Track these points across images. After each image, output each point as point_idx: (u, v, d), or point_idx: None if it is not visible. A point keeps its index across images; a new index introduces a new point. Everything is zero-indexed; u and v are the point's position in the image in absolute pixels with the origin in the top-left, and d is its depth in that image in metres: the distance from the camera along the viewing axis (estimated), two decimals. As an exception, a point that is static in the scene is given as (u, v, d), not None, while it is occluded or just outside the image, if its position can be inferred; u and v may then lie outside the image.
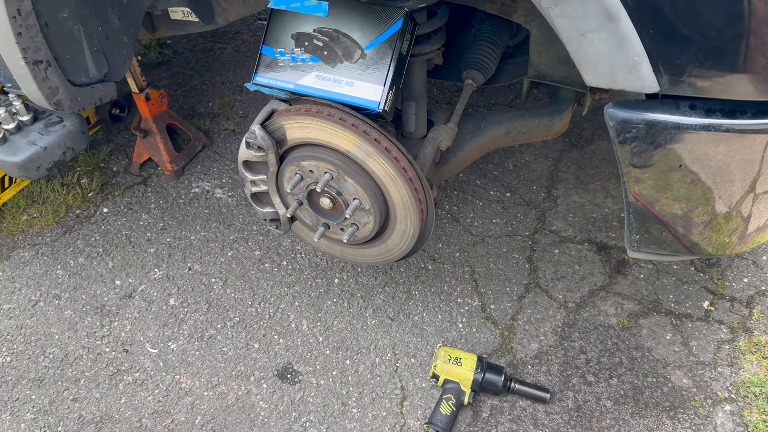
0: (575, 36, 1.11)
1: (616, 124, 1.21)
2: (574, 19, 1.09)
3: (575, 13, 1.08)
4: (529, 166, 2.89)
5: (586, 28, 1.09)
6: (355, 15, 1.69)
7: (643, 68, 1.10)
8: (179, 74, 3.51)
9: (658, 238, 1.38)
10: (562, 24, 1.11)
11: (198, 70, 3.54)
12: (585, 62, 1.14)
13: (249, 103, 3.30)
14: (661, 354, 2.21)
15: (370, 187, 1.78)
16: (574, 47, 1.13)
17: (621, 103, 1.21)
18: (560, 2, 1.08)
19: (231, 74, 3.50)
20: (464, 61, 2.11)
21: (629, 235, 1.40)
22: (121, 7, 1.97)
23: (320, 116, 1.71)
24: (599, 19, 1.07)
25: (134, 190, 2.91)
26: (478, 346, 2.26)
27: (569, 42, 1.13)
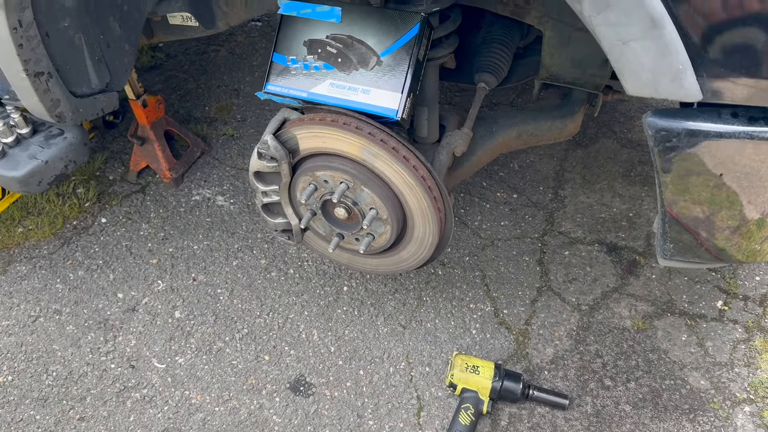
0: (617, 44, 1.07)
1: (655, 132, 1.18)
2: (617, 27, 1.05)
3: (618, 21, 1.04)
4: (534, 167, 2.86)
5: (629, 36, 1.05)
6: (370, 21, 1.64)
7: (686, 77, 1.07)
8: (173, 78, 3.43)
9: (692, 247, 1.35)
10: (605, 32, 1.07)
11: (192, 73, 3.46)
12: (626, 71, 1.10)
13: (246, 107, 3.23)
14: (677, 355, 2.19)
15: (387, 196, 1.74)
16: (616, 56, 1.09)
17: (660, 111, 1.18)
18: (603, 10, 1.04)
19: (226, 77, 3.42)
20: (476, 64, 2.07)
21: (662, 243, 1.37)
22: (122, 15, 1.91)
23: (335, 125, 1.66)
24: (643, 27, 1.04)
25: (132, 199, 2.83)
26: (493, 352, 2.22)
27: (611, 51, 1.09)
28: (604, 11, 1.04)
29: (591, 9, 1.06)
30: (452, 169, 2.08)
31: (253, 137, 3.07)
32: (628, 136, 2.95)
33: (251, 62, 3.50)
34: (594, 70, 1.96)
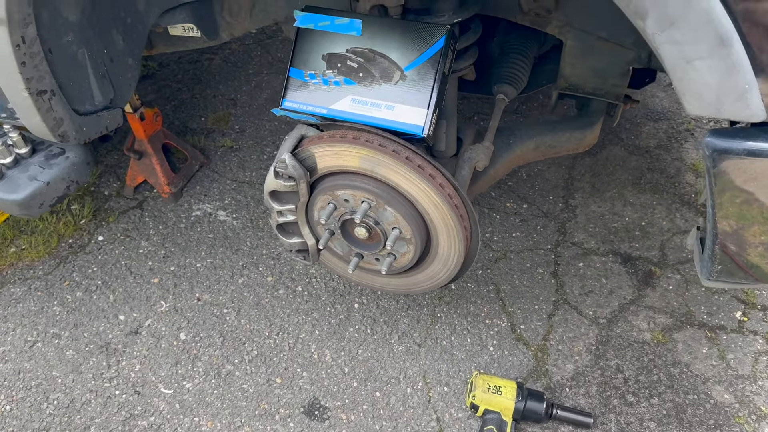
0: (681, 63, 1.02)
1: (713, 153, 1.12)
2: (683, 46, 1.00)
3: (685, 39, 0.99)
4: (542, 175, 2.81)
5: (694, 55, 1.00)
6: (393, 34, 1.57)
7: (752, 96, 1.01)
8: (166, 88, 3.33)
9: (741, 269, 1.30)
10: (668, 51, 1.01)
11: (186, 83, 3.37)
12: (689, 91, 1.05)
13: (245, 118, 3.15)
14: (699, 369, 2.15)
15: (411, 215, 1.67)
16: (679, 75, 1.03)
17: (719, 132, 1.13)
18: (669, 28, 0.98)
19: (222, 86, 3.33)
20: (495, 75, 2.01)
21: (710, 265, 1.32)
22: (125, 27, 1.82)
23: (357, 143, 1.59)
24: (710, 46, 0.98)
25: (130, 215, 2.73)
26: (512, 370, 2.16)
27: (673, 70, 1.03)
28: (669, 29, 0.98)
29: (655, 26, 1.00)
30: (470, 182, 2.01)
31: (253, 149, 2.98)
32: (636, 142, 2.91)
33: (247, 71, 3.41)
34: (615, 80, 1.92)
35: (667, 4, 0.97)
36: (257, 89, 3.30)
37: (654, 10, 0.99)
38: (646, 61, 1.80)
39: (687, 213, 2.60)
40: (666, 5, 0.97)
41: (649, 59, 1.80)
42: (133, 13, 1.83)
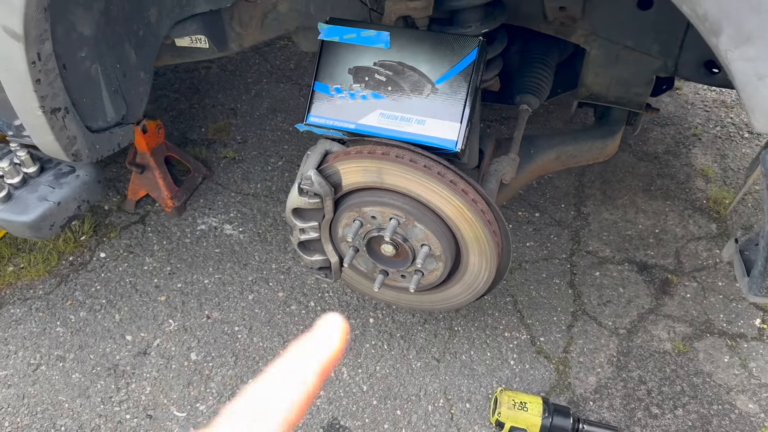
0: (753, 80, 0.98)
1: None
2: (757, 62, 0.96)
3: (759, 55, 0.95)
4: (553, 183, 2.78)
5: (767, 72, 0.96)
6: (422, 46, 1.52)
7: (822, 113, 0.98)
8: (163, 98, 3.25)
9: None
10: (741, 67, 0.98)
11: (184, 92, 3.29)
12: (759, 108, 1.02)
13: (246, 128, 3.08)
14: (722, 378, 2.13)
15: (442, 232, 1.62)
16: (750, 92, 1.00)
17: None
18: (743, 44, 0.95)
19: (221, 96, 3.26)
20: (518, 85, 1.97)
21: (760, 280, 1.29)
22: (137, 41, 1.75)
23: (387, 159, 1.54)
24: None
25: (132, 230, 2.65)
26: (534, 384, 2.13)
27: (744, 87, 1.00)
28: (744, 45, 0.95)
29: (729, 43, 0.96)
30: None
31: (257, 160, 2.91)
32: (644, 148, 2.90)
33: (246, 79, 3.34)
34: (639, 89, 1.89)
35: (743, 20, 0.94)
36: (257, 98, 3.23)
37: (729, 27, 0.95)
38: (672, 69, 1.78)
39: (700, 219, 2.59)
40: (743, 22, 0.94)
41: (676, 67, 1.77)
42: (146, 25, 1.76)
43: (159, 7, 1.77)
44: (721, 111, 3.02)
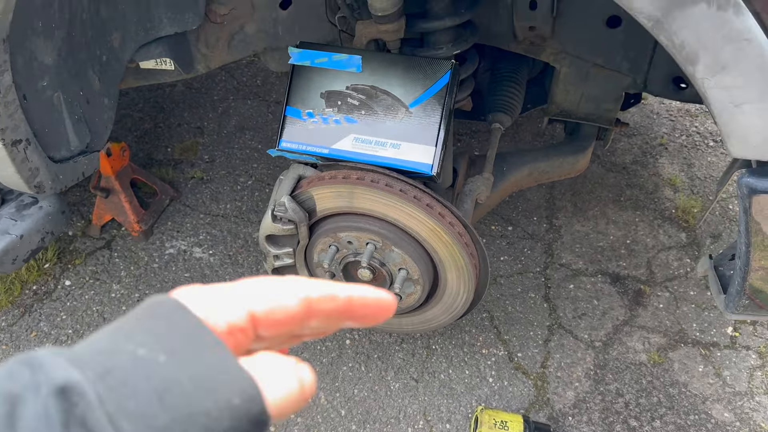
0: (729, 108, 0.99)
1: (750, 192, 1.10)
2: (732, 90, 0.97)
3: (734, 83, 0.96)
4: (524, 196, 2.79)
5: (743, 100, 0.97)
6: (395, 69, 1.51)
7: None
8: (127, 117, 3.18)
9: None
10: (717, 95, 0.98)
11: (148, 111, 3.21)
12: (734, 134, 1.02)
13: (213, 146, 3.02)
14: (697, 388, 2.15)
15: (419, 255, 1.60)
16: (726, 119, 1.01)
17: (757, 172, 1.10)
18: (719, 73, 0.95)
19: (187, 114, 3.20)
20: (489, 104, 1.97)
21: (737, 299, 1.30)
22: (101, 66, 1.70)
23: (362, 183, 1.51)
24: (761, 90, 0.96)
25: (98, 256, 2.58)
26: (513, 401, 2.12)
27: (720, 114, 1.00)
28: (720, 74, 0.95)
29: (705, 72, 0.97)
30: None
31: (225, 179, 2.86)
32: (612, 159, 2.93)
33: (212, 97, 3.29)
34: (608, 105, 1.91)
35: (720, 50, 0.94)
36: (224, 116, 3.18)
37: (706, 57, 0.96)
38: (641, 86, 1.79)
39: (669, 229, 2.62)
40: (719, 52, 0.94)
41: (645, 84, 1.79)
42: (109, 50, 1.71)
43: (122, 31, 1.72)
44: (686, 120, 3.07)
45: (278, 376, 0.39)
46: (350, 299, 0.44)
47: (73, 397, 0.32)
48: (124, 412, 0.32)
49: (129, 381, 0.34)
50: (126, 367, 0.34)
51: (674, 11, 0.93)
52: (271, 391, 0.38)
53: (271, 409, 0.37)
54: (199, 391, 0.35)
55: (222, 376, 0.36)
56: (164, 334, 0.37)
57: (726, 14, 0.90)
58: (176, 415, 0.33)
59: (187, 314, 0.38)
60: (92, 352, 0.35)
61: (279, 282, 0.43)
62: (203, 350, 0.37)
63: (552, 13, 1.60)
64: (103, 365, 0.34)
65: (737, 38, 0.92)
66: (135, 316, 0.39)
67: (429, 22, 1.54)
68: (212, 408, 0.34)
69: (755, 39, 0.92)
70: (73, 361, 0.34)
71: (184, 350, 0.36)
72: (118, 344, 0.36)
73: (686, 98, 1.79)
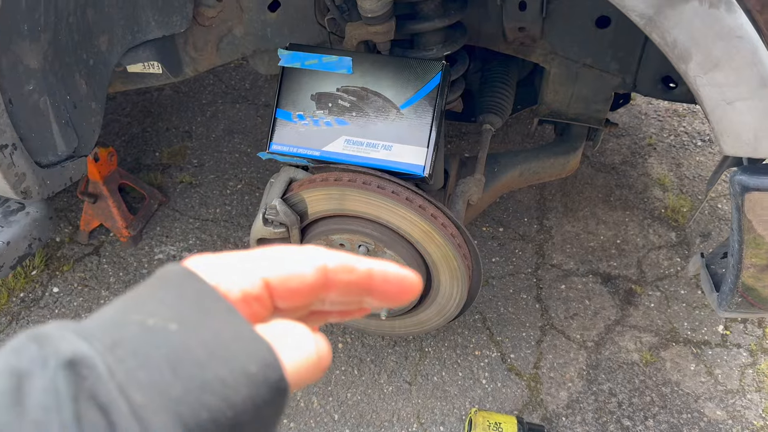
0: (721, 105, 0.99)
1: (742, 190, 1.10)
2: (724, 88, 0.97)
3: (727, 81, 0.96)
4: (515, 197, 2.79)
5: (735, 97, 0.97)
6: (385, 71, 1.50)
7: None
8: (115, 122, 3.15)
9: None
10: (709, 93, 0.98)
11: (136, 116, 3.19)
12: (727, 131, 1.02)
13: (202, 151, 3.00)
14: (689, 387, 2.16)
15: (412, 257, 1.60)
16: (718, 116, 1.01)
17: (749, 169, 1.10)
18: (711, 70, 0.95)
19: (175, 118, 3.17)
20: (480, 105, 1.96)
21: (729, 298, 1.30)
22: (88, 70, 1.68)
23: (353, 185, 1.51)
24: (752, 87, 0.96)
25: (86, 262, 2.55)
26: (507, 402, 2.11)
27: (713, 111, 1.00)
28: (712, 71, 0.95)
29: (698, 69, 0.97)
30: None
31: (214, 183, 2.84)
32: (601, 159, 2.94)
33: (200, 101, 3.27)
34: (598, 105, 1.91)
35: (712, 47, 0.94)
36: (213, 120, 3.16)
37: (698, 54, 0.96)
38: (631, 86, 1.80)
39: (659, 228, 2.63)
40: (711, 49, 0.94)
41: (634, 84, 1.79)
42: (96, 54, 1.69)
43: (109, 35, 1.70)
44: (674, 120, 3.09)
45: (294, 343, 0.38)
46: (370, 273, 0.42)
47: (82, 370, 0.30)
48: (136, 383, 0.31)
49: (139, 351, 0.32)
50: (136, 337, 0.33)
51: (666, 9, 0.93)
52: (288, 357, 0.36)
53: (289, 377, 0.36)
54: (213, 359, 0.33)
55: (236, 342, 0.35)
56: (174, 303, 0.36)
57: (718, 12, 0.91)
58: (190, 385, 0.32)
59: (197, 281, 0.37)
60: (100, 324, 0.34)
61: (295, 250, 0.42)
62: (215, 317, 0.35)
63: (541, 14, 1.60)
64: (112, 336, 0.33)
65: (729, 35, 0.92)
66: (144, 286, 0.38)
67: (419, 23, 1.54)
68: (227, 376, 0.33)
69: (747, 36, 0.92)
70: (80, 334, 0.32)
71: (195, 318, 0.35)
72: (127, 315, 0.35)
73: (675, 98, 1.80)
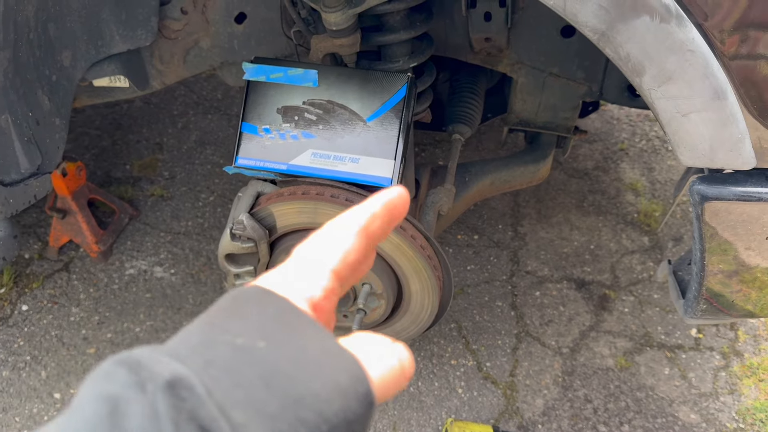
0: (677, 117, 1.00)
1: (701, 199, 1.11)
2: (678, 100, 0.98)
3: (681, 93, 0.97)
4: (489, 204, 2.79)
5: (689, 109, 0.98)
6: (351, 84, 1.50)
7: (744, 145, 1.01)
8: (84, 136, 3.11)
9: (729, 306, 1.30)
10: (664, 105, 0.99)
11: (105, 128, 3.15)
12: (683, 143, 1.03)
13: (173, 163, 2.97)
14: (663, 391, 2.17)
15: (382, 269, 1.59)
16: (674, 128, 1.01)
17: (707, 179, 1.11)
18: (665, 83, 0.96)
19: (146, 130, 3.14)
20: (449, 115, 1.97)
21: (695, 305, 1.31)
22: (51, 86, 1.66)
23: (322, 199, 1.50)
24: (706, 99, 0.97)
25: (56, 279, 2.51)
26: (483, 411, 2.11)
27: (669, 123, 1.01)
28: (666, 84, 0.96)
29: (652, 82, 0.97)
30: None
31: (186, 196, 2.82)
32: (574, 165, 2.96)
33: (171, 112, 3.24)
34: (566, 113, 1.92)
35: (665, 61, 0.95)
36: (184, 131, 3.13)
37: (651, 68, 0.96)
38: (597, 94, 1.81)
39: (632, 233, 2.65)
40: (664, 63, 0.95)
41: (601, 92, 1.81)
42: (59, 69, 1.67)
43: (72, 50, 1.68)
44: (645, 125, 3.12)
45: (378, 355, 0.38)
46: (385, 205, 0.45)
47: (181, 392, 0.30)
48: (234, 402, 0.31)
49: (233, 370, 0.32)
50: (227, 357, 0.33)
51: (618, 24, 0.93)
52: (373, 369, 0.37)
53: (376, 389, 0.36)
54: (305, 374, 0.34)
55: (325, 356, 0.35)
56: (258, 322, 0.36)
57: (669, 26, 0.91)
58: (285, 401, 0.32)
59: (275, 298, 0.38)
60: (189, 346, 0.34)
61: (329, 230, 0.45)
62: (300, 332, 0.36)
63: (507, 25, 1.61)
64: (204, 357, 0.33)
65: (681, 49, 0.93)
66: (220, 308, 0.38)
67: (384, 35, 1.54)
68: (320, 390, 0.33)
69: (698, 50, 0.93)
70: (174, 356, 0.32)
71: (281, 334, 0.35)
72: (214, 336, 0.35)
73: (641, 105, 1.82)
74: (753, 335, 2.31)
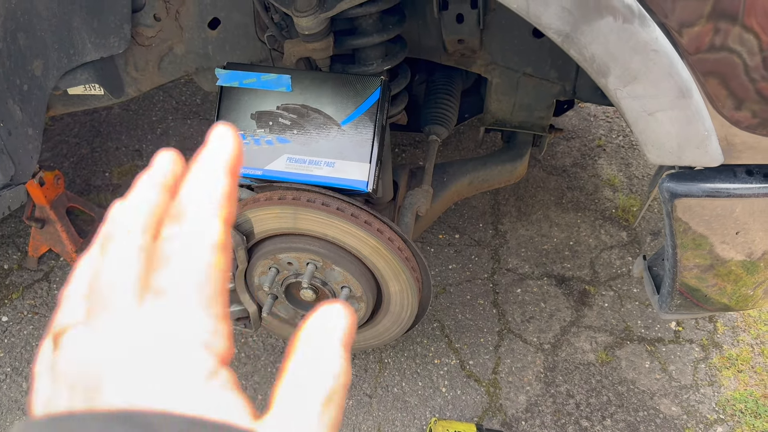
0: (643, 116, 1.01)
1: (671, 196, 1.13)
2: (644, 99, 0.99)
3: (646, 92, 0.98)
4: (470, 203, 2.81)
5: (655, 108, 0.99)
6: (325, 88, 1.50)
7: (711, 142, 1.02)
8: (62, 143, 3.09)
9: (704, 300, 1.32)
10: (630, 105, 1.00)
11: (84, 136, 3.13)
12: (650, 141, 1.05)
13: (153, 169, 2.95)
14: (644, 384, 2.20)
15: (361, 272, 1.59)
16: (641, 127, 1.03)
17: (677, 176, 1.13)
18: (630, 83, 0.97)
19: (125, 137, 3.12)
20: (425, 116, 1.98)
21: (669, 300, 1.33)
22: (22, 96, 1.64)
23: (298, 204, 1.50)
24: (671, 98, 0.98)
25: (36, 289, 2.49)
26: (467, 409, 2.12)
27: (635, 123, 1.03)
28: (631, 84, 0.97)
29: (617, 83, 0.99)
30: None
31: (167, 202, 2.80)
32: (552, 162, 2.98)
33: (150, 118, 3.22)
34: (541, 113, 1.94)
35: (629, 61, 0.96)
36: (164, 137, 3.12)
37: (616, 68, 0.98)
38: (571, 93, 1.83)
39: (611, 228, 2.68)
40: (628, 63, 0.97)
41: (574, 91, 1.82)
42: (30, 79, 1.66)
43: (44, 59, 1.67)
44: (622, 121, 3.15)
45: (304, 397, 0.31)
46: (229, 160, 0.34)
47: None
48: None
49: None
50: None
51: (582, 26, 0.94)
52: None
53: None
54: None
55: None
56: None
57: (632, 26, 0.93)
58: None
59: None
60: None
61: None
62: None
63: (479, 26, 1.62)
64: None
65: (644, 49, 0.95)
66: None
67: (357, 39, 1.54)
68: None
69: (662, 49, 0.94)
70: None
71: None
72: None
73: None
74: (731, 327, 2.34)
